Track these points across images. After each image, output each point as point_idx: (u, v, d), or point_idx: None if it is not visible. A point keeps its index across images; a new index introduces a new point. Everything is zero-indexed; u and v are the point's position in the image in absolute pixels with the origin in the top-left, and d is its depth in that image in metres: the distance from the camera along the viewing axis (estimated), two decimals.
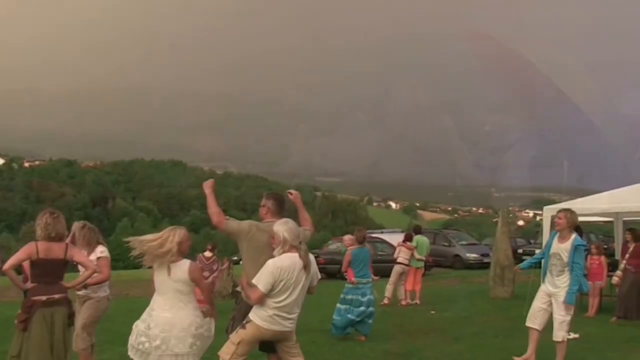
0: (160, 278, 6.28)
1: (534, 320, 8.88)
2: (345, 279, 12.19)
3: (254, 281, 6.02)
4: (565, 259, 8.60)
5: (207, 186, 6.96)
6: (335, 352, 10.09)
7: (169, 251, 6.21)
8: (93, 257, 7.89)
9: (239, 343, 6.12)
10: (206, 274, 15.17)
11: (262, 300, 6.02)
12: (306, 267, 6.13)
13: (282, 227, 6.18)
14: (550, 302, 8.75)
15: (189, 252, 6.53)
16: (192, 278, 6.28)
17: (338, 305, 11.66)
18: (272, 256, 6.16)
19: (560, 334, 8.63)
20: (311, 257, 6.31)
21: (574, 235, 8.76)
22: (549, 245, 8.93)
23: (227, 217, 6.78)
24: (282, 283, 6.00)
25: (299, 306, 6.25)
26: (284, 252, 6.12)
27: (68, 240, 7.34)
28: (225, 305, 16.99)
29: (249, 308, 6.32)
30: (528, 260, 9.43)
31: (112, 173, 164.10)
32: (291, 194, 7.05)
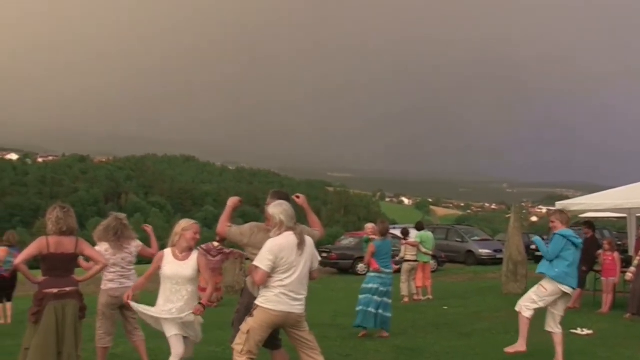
0: None
1: (550, 323, 8.85)
2: (355, 274, 12.14)
3: (255, 263, 6.10)
4: None
5: (230, 201, 6.98)
6: (347, 347, 10.09)
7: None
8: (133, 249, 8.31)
9: (248, 331, 6.12)
10: (213, 253, 15.35)
11: (265, 279, 6.05)
12: (300, 244, 6.12)
13: (277, 210, 6.22)
14: (555, 300, 8.79)
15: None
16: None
17: (360, 296, 11.55)
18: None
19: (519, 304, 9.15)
20: (308, 239, 6.33)
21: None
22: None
23: (230, 224, 6.80)
24: (283, 260, 6.04)
25: (305, 287, 6.26)
26: (280, 233, 6.14)
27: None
28: (237, 299, 17.09)
29: (253, 298, 6.35)
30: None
31: (124, 168, 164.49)
32: (298, 197, 7.04)
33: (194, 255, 7.07)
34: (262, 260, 6.02)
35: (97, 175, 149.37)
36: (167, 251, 7.05)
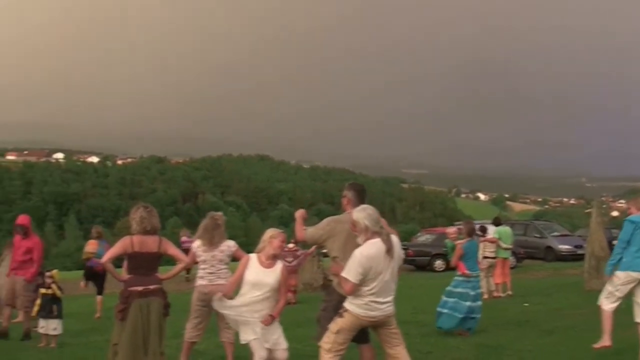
0: None
1: (638, 313, 8.64)
2: (433, 270, 12.01)
3: (343, 274, 6.06)
4: None
5: (298, 213, 7.03)
6: (428, 344, 10.04)
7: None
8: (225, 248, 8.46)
9: (337, 332, 6.19)
10: (289, 259, 15.54)
11: (355, 290, 6.06)
12: (389, 250, 6.10)
13: (361, 215, 6.19)
14: (634, 289, 8.61)
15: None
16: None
17: (445, 297, 11.31)
18: (357, 244, 6.18)
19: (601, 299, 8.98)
20: (395, 240, 6.30)
21: None
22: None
23: (304, 228, 6.87)
24: (372, 270, 6.02)
25: (393, 288, 6.28)
26: (366, 239, 6.12)
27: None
28: (315, 297, 17.16)
29: (341, 297, 6.38)
30: (609, 262, 9.10)
31: (201, 169, 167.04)
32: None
33: (279, 265, 7.19)
34: (351, 273, 6.01)
35: (174, 176, 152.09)
36: (253, 256, 7.16)
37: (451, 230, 12.48)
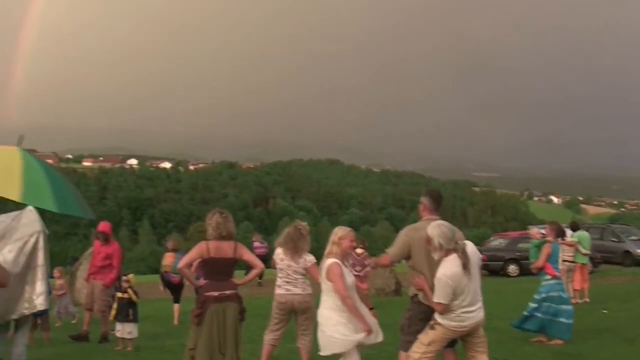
0: None
1: None
2: (506, 275, 11.72)
3: (435, 300, 6.14)
4: None
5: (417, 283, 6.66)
6: (504, 351, 9.84)
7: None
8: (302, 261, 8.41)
9: (429, 344, 6.25)
10: (358, 268, 15.44)
11: (448, 309, 6.15)
12: (465, 265, 6.11)
13: (435, 232, 6.20)
14: None
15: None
16: (328, 278, 6.63)
17: (532, 304, 10.92)
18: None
19: None
20: (470, 248, 6.28)
21: None
22: None
23: (386, 251, 6.82)
24: (458, 287, 6.10)
25: (479, 295, 6.31)
26: (442, 256, 6.16)
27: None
28: (388, 302, 17.07)
29: (426, 308, 6.41)
30: None
31: (271, 173, 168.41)
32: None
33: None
34: (442, 296, 6.09)
35: (245, 180, 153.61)
36: (338, 263, 6.77)
37: (534, 231, 12.16)
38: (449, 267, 6.11)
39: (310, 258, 8.49)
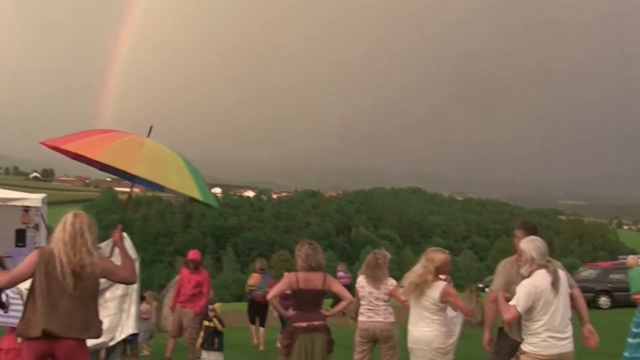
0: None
1: None
2: (597, 307, 11.25)
3: (512, 302, 5.93)
4: None
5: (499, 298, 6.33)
6: None
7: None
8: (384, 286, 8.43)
9: None
10: None
11: (515, 319, 5.96)
12: (554, 283, 5.90)
13: (529, 246, 6.05)
14: None
15: None
16: (444, 300, 6.75)
17: (630, 340, 10.54)
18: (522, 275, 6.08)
19: None
20: (562, 274, 6.08)
21: None
22: None
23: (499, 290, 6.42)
24: (542, 301, 5.86)
25: (568, 323, 6.05)
26: (531, 270, 5.98)
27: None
28: (474, 333, 16.74)
29: (514, 342, 6.22)
30: None
31: (353, 202, 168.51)
32: None
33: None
34: (520, 301, 5.88)
35: (328, 209, 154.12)
36: (448, 284, 6.97)
37: (632, 258, 11.72)
38: (536, 278, 5.92)
39: (392, 282, 8.50)
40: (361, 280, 8.54)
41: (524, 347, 5.99)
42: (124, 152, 5.57)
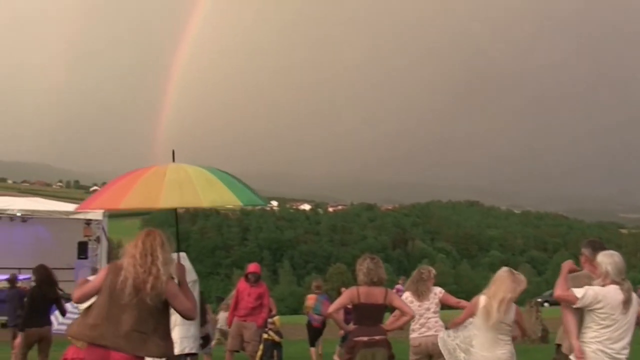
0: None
1: None
2: None
3: (576, 290, 5.78)
4: None
5: (565, 265, 6.30)
6: None
7: None
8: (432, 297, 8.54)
9: None
10: None
11: (563, 299, 5.83)
12: (626, 302, 5.73)
13: (606, 260, 5.88)
14: None
15: None
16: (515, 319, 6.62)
17: None
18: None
19: None
20: (635, 298, 5.86)
21: None
22: None
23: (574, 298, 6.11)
24: (602, 311, 5.71)
25: (626, 347, 5.82)
26: (604, 285, 5.80)
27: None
28: (534, 349, 16.65)
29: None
30: None
31: (410, 215, 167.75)
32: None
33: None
34: (581, 292, 5.73)
35: (384, 222, 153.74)
36: (483, 298, 6.68)
37: None
38: (608, 289, 5.75)
39: (438, 289, 8.59)
40: (408, 296, 8.54)
41: (572, 356, 5.88)
42: (146, 190, 5.44)
